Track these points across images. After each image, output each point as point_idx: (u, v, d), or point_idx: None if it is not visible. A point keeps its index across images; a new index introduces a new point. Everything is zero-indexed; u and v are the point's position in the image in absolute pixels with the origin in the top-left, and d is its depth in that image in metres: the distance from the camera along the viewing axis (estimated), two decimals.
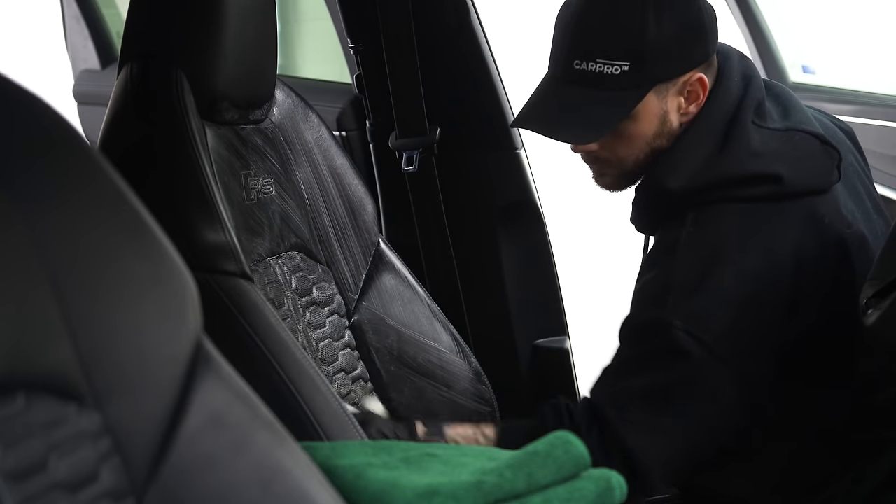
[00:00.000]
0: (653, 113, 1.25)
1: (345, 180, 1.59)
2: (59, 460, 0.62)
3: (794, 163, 1.23)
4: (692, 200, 1.25)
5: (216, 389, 0.72)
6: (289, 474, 0.71)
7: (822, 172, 1.25)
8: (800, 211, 1.23)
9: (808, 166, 1.24)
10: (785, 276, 1.19)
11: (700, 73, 1.25)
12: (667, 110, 1.26)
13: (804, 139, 1.26)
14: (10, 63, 4.11)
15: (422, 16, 1.75)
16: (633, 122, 1.25)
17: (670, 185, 1.25)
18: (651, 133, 1.27)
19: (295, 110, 1.55)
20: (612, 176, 1.33)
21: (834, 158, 1.26)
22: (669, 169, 1.26)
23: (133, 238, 0.71)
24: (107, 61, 3.30)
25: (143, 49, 1.33)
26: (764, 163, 1.22)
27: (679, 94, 1.26)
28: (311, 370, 1.25)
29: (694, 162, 1.25)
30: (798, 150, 1.25)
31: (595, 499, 0.94)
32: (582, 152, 1.32)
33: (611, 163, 1.31)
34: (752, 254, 1.20)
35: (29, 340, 0.62)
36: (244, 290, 1.26)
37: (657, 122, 1.26)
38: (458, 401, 1.58)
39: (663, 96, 1.25)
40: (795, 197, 1.23)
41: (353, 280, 1.58)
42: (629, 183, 1.34)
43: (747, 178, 1.22)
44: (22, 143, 0.66)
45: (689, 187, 1.24)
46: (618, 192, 1.36)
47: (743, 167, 1.23)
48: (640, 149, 1.28)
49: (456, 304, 1.83)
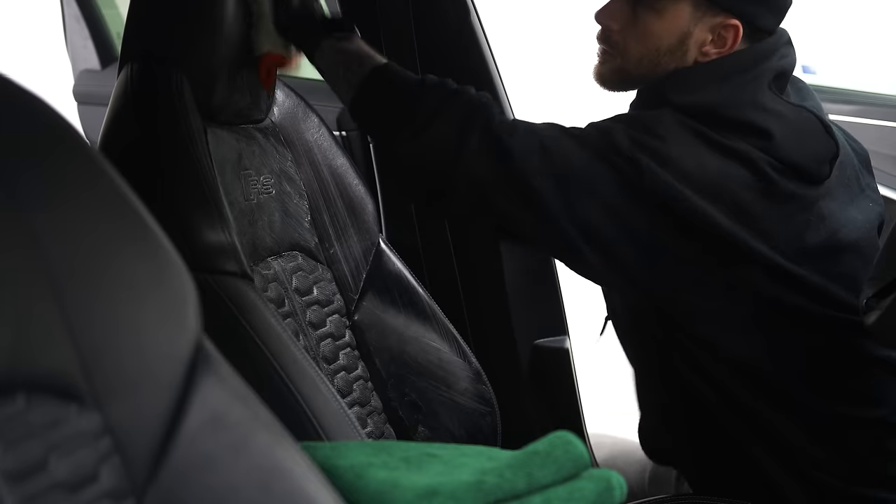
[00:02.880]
0: (678, 24, 1.25)
1: (345, 180, 1.59)
2: (59, 460, 0.62)
3: (790, 132, 1.23)
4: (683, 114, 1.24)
5: (216, 390, 0.72)
6: (289, 474, 0.71)
7: (814, 156, 1.24)
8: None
9: (802, 143, 1.24)
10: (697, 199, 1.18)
11: (738, 24, 1.24)
12: (691, 33, 1.25)
13: (810, 120, 1.26)
14: (10, 63, 4.11)
15: (422, 16, 1.75)
16: (657, 19, 1.25)
17: (674, 100, 1.25)
18: (665, 44, 1.26)
19: (295, 110, 1.56)
20: (611, 67, 1.33)
21: (830, 151, 1.25)
22: (679, 86, 1.26)
23: (133, 238, 0.71)
24: (107, 61, 3.29)
25: (143, 49, 1.33)
26: (762, 117, 1.22)
27: (710, 30, 1.25)
28: (311, 370, 1.25)
29: (706, 91, 1.24)
30: (800, 125, 1.25)
31: (595, 499, 0.94)
32: (603, 26, 1.32)
33: (618, 49, 1.31)
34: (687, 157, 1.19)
35: (29, 340, 0.62)
36: (244, 290, 1.26)
37: (677, 37, 1.26)
38: (458, 401, 1.58)
39: (697, 17, 1.24)
40: (787, 175, 1.21)
41: (353, 280, 1.58)
42: (621, 84, 1.34)
43: (742, 123, 1.22)
44: (22, 144, 0.66)
45: (691, 105, 1.24)
46: (609, 90, 1.36)
47: (742, 113, 1.23)
48: (648, 52, 1.28)
49: (456, 304, 1.83)
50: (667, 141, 1.19)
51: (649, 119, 1.23)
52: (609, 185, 1.17)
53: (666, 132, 1.20)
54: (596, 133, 1.21)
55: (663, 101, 1.26)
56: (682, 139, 1.20)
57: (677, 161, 1.18)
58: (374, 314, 1.58)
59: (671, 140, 1.19)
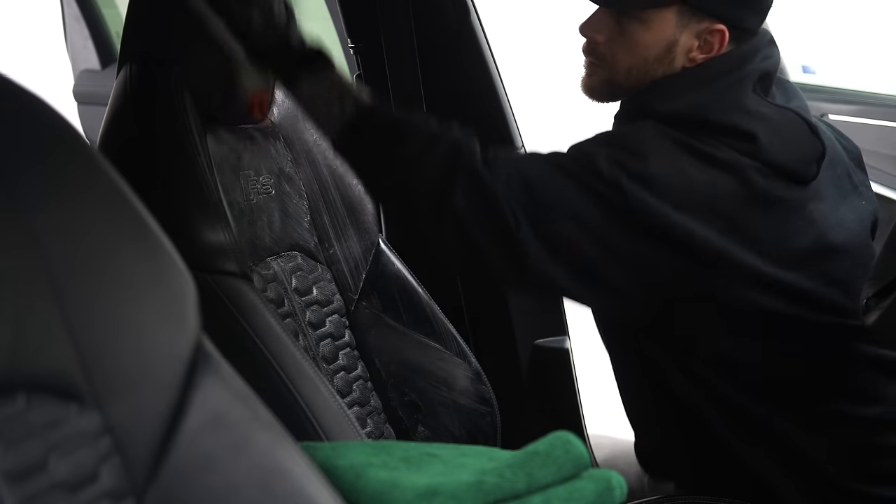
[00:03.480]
0: (664, 33, 1.25)
1: (345, 180, 1.59)
2: (59, 460, 0.62)
3: (774, 134, 1.22)
4: (667, 124, 1.24)
5: (216, 389, 0.72)
6: (289, 474, 0.71)
7: (800, 158, 1.24)
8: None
9: (788, 145, 1.23)
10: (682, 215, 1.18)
11: (724, 28, 1.24)
12: (677, 40, 1.25)
13: (795, 121, 1.26)
14: (10, 63, 4.11)
15: (422, 16, 1.75)
16: (643, 30, 1.25)
17: (658, 108, 1.24)
18: (652, 54, 1.26)
19: (295, 110, 1.55)
20: (600, 78, 1.32)
21: (817, 151, 1.25)
22: (662, 95, 1.26)
23: (133, 238, 0.71)
24: (107, 61, 3.30)
25: (142, 49, 1.33)
26: (746, 120, 1.22)
27: (696, 36, 1.25)
28: (310, 370, 1.25)
29: (689, 97, 1.24)
30: (785, 126, 1.25)
31: (595, 499, 0.94)
32: (588, 39, 1.31)
33: (605, 62, 1.30)
34: (672, 173, 1.19)
35: (29, 340, 0.62)
36: (244, 290, 1.26)
37: (664, 46, 1.25)
38: (458, 401, 1.58)
39: (682, 25, 1.24)
40: (773, 176, 1.21)
41: (352, 280, 1.58)
42: (611, 95, 1.34)
43: (726, 128, 1.22)
44: (22, 144, 0.66)
45: (674, 114, 1.23)
46: (599, 101, 1.35)
47: (726, 117, 1.22)
48: (636, 63, 1.27)
49: (456, 304, 1.83)
50: (648, 159, 1.18)
51: (630, 137, 1.23)
52: (593, 211, 1.17)
53: (648, 149, 1.19)
54: (577, 159, 1.21)
55: (646, 111, 1.26)
56: (665, 153, 1.20)
57: (661, 179, 1.17)
58: (374, 314, 1.58)
59: (653, 157, 1.19)
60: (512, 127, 1.82)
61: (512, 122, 1.82)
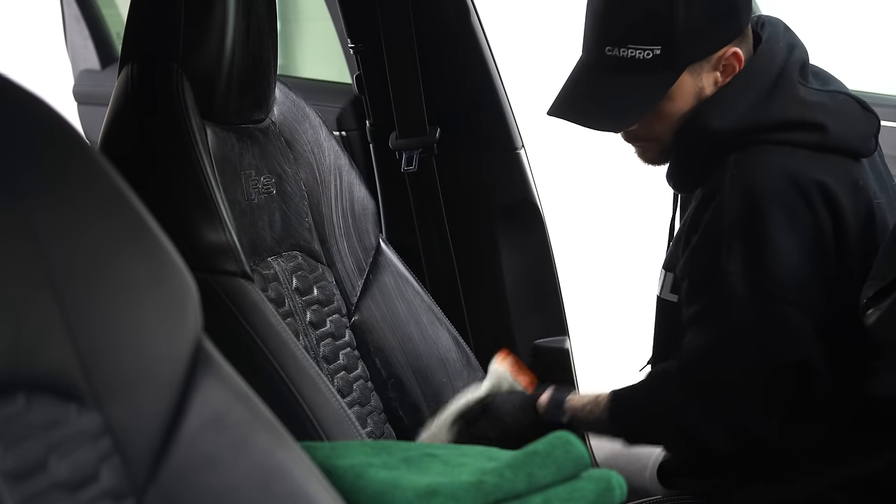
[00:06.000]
0: (688, 91, 1.26)
1: (345, 180, 1.59)
2: (59, 460, 0.62)
3: (838, 117, 1.24)
4: (735, 143, 1.24)
5: (216, 390, 0.72)
6: (289, 474, 0.71)
7: (862, 136, 1.26)
8: (839, 166, 1.23)
9: (850, 125, 1.25)
10: (825, 221, 1.19)
11: (734, 48, 1.25)
12: (702, 86, 1.26)
13: (847, 101, 1.28)
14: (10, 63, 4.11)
15: (422, 16, 1.75)
16: (670, 102, 1.26)
17: (716, 126, 1.24)
18: (687, 109, 1.27)
19: (295, 110, 1.56)
20: (655, 151, 1.34)
21: (874, 125, 1.27)
22: (716, 111, 1.25)
23: (133, 238, 0.71)
24: (107, 61, 3.30)
25: (143, 49, 1.33)
26: (810, 111, 1.23)
27: (714, 69, 1.25)
28: (311, 370, 1.25)
29: (741, 106, 1.24)
30: (842, 108, 1.26)
31: (595, 499, 0.94)
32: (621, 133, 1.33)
33: (650, 140, 1.32)
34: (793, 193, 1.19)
35: (29, 340, 0.62)
36: (245, 289, 1.26)
37: (693, 98, 1.26)
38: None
39: (697, 74, 1.25)
40: (836, 153, 1.23)
41: (353, 280, 1.58)
42: (669, 153, 1.34)
43: (792, 123, 1.22)
44: (22, 144, 0.66)
45: (735, 128, 1.24)
46: (663, 165, 1.36)
47: (789, 113, 1.23)
48: (676, 123, 1.28)
49: (456, 304, 1.83)
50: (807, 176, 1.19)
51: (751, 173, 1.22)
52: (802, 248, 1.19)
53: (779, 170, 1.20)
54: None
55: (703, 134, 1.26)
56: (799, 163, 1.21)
57: (830, 188, 1.19)
58: (374, 314, 1.58)
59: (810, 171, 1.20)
60: (512, 127, 1.82)
61: (512, 122, 1.82)
